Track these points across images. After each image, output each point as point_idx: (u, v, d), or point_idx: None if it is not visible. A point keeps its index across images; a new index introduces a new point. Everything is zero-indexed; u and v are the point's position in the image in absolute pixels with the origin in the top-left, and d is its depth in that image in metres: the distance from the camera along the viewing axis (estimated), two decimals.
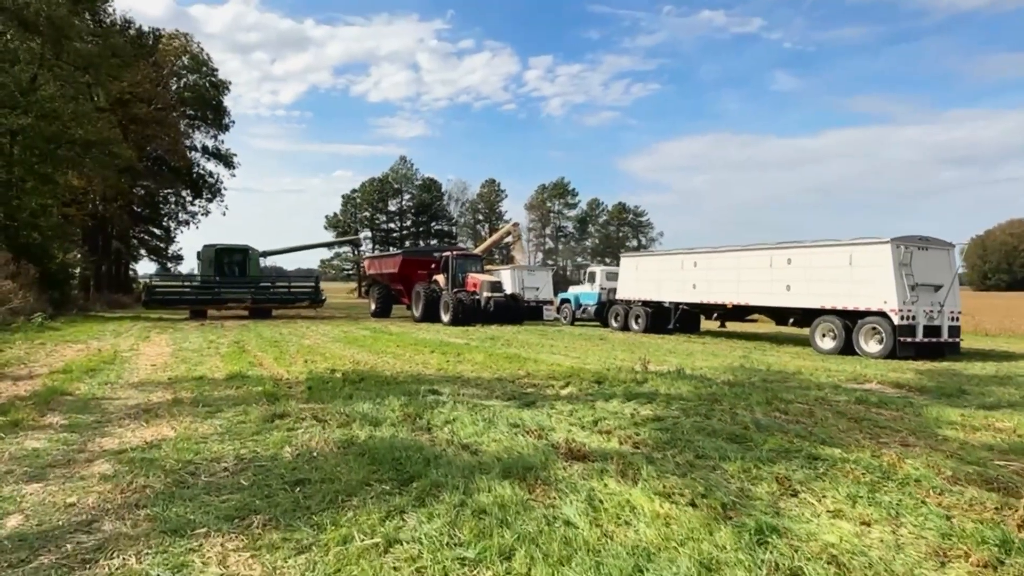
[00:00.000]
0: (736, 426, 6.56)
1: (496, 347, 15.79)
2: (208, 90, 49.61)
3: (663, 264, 21.41)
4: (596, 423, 6.58)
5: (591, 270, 26.65)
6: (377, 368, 11.17)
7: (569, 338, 19.37)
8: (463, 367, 11.48)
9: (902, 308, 14.25)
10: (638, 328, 22.17)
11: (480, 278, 26.00)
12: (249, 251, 31.16)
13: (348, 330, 21.24)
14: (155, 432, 6.26)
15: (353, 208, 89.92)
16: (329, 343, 16.56)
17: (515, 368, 11.33)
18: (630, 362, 12.92)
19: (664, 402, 7.89)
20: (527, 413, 7.01)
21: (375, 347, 15.39)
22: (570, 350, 15.50)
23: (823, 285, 15.87)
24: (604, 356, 14.19)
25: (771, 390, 9.02)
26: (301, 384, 9.25)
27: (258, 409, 7.28)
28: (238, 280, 29.80)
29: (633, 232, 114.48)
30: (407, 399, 7.66)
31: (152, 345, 15.61)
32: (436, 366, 11.62)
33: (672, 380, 9.68)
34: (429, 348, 14.96)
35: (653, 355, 14.70)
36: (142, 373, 10.61)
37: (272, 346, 15.34)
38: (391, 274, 31.05)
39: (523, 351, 14.72)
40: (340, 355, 13.42)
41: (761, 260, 17.57)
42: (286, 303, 29.82)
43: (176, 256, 55.23)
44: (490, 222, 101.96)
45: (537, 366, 11.61)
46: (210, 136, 52.35)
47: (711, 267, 19.33)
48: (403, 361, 12.43)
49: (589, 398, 8.13)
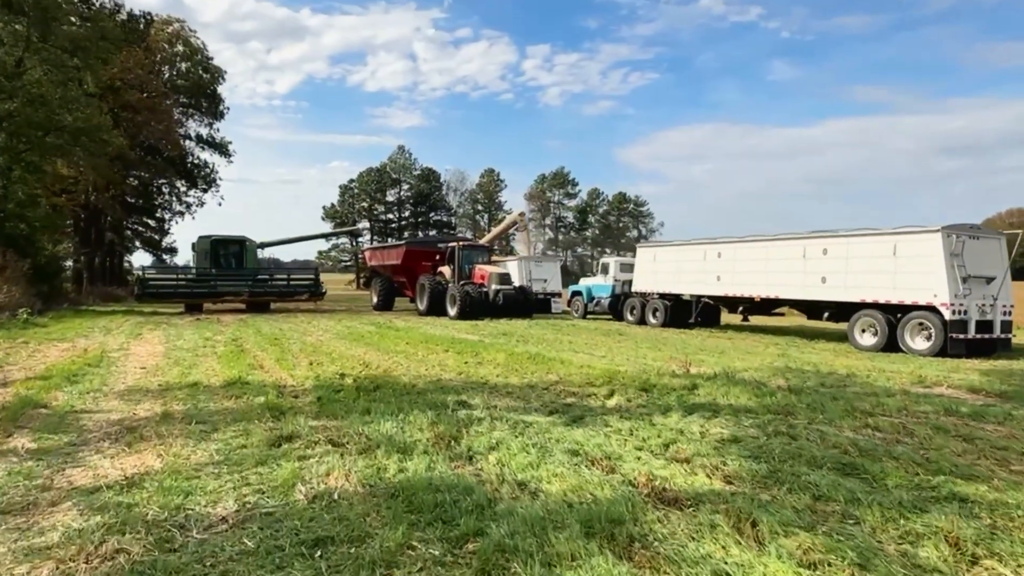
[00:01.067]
0: (833, 450, 5.50)
1: (512, 344, 14.72)
2: (202, 77, 48.18)
3: (684, 255, 20.31)
4: (667, 447, 5.51)
5: (604, 261, 25.50)
6: (391, 372, 10.09)
7: (587, 333, 18.31)
8: (485, 370, 10.41)
9: (954, 302, 13.20)
10: (656, 322, 21.11)
11: (488, 270, 24.90)
12: (246, 242, 29.97)
13: (351, 325, 20.15)
14: (138, 461, 5.18)
15: (351, 198, 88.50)
16: (333, 340, 15.47)
17: (543, 371, 10.26)
18: (664, 362, 11.87)
19: (731, 416, 6.83)
20: (579, 433, 5.93)
21: (383, 345, 14.31)
22: (593, 348, 14.43)
23: (863, 277, 14.80)
24: (632, 355, 13.13)
25: (842, 398, 7.97)
26: (308, 393, 8.16)
27: (261, 428, 6.20)
28: (235, 272, 28.64)
29: (634, 222, 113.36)
30: (435, 414, 6.58)
31: (144, 343, 14.51)
32: (455, 368, 10.54)
33: (724, 386, 8.62)
34: (442, 346, 13.89)
35: (683, 353, 13.66)
36: (130, 378, 9.52)
37: (272, 344, 14.25)
38: (394, 266, 29.92)
39: (544, 349, 13.65)
40: (347, 355, 12.34)
41: (793, 250, 16.48)
42: (285, 296, 28.67)
43: (171, 248, 54.05)
44: (489, 212, 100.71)
45: (567, 368, 10.54)
46: (204, 125, 51.03)
47: (737, 258, 18.24)
48: (417, 362, 11.35)
49: (642, 411, 7.07)
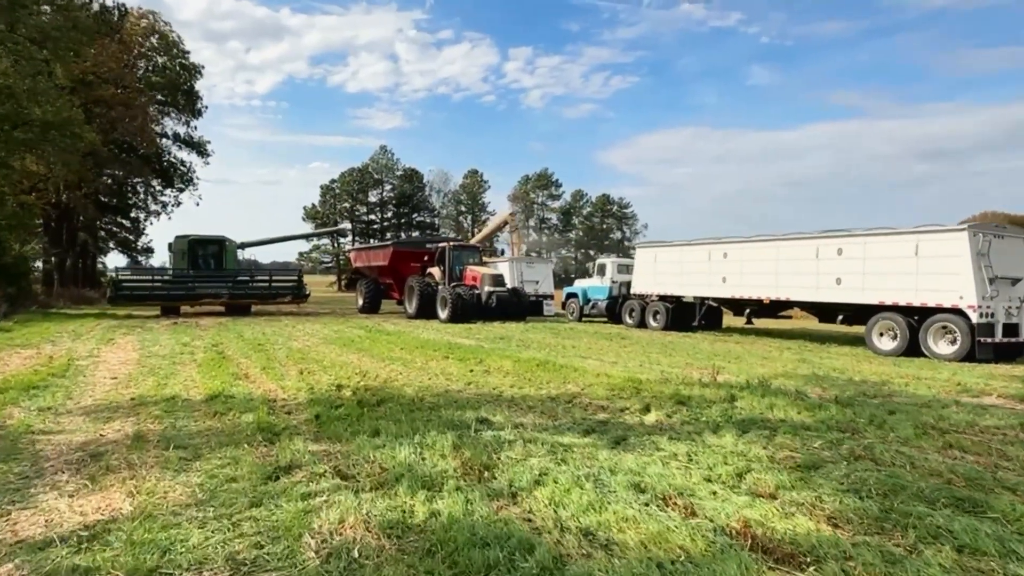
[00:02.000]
0: (934, 478, 4.69)
1: (513, 350, 13.83)
2: (179, 73, 46.65)
3: (687, 255, 19.56)
4: (741, 477, 4.65)
5: (601, 262, 24.65)
6: (391, 382, 9.14)
7: (588, 338, 17.46)
8: (494, 379, 9.50)
9: (981, 304, 12.57)
10: (657, 325, 20.33)
11: (480, 271, 23.98)
12: (226, 242, 28.71)
13: (339, 329, 19.11)
14: (103, 502, 4.21)
15: (332, 199, 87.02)
16: (321, 346, 14.45)
17: (559, 381, 9.38)
18: (682, 369, 11.07)
19: (791, 435, 6.00)
20: (631, 460, 5.06)
21: (377, 351, 13.34)
22: (600, 353, 13.59)
23: (882, 278, 14.14)
24: (645, 361, 12.30)
25: (900, 412, 7.19)
26: (303, 409, 7.20)
27: (253, 454, 5.24)
28: (214, 274, 27.38)
29: (617, 224, 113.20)
30: (456, 436, 5.66)
31: (116, 349, 13.38)
32: (461, 378, 9.62)
33: (764, 398, 7.80)
34: (440, 352, 12.95)
35: (696, 359, 12.88)
36: (99, 391, 8.47)
37: (257, 350, 13.21)
38: (380, 267, 28.87)
39: (550, 355, 12.77)
40: (340, 362, 11.36)
41: (806, 250, 15.79)
42: (267, 298, 27.44)
43: (147, 249, 52.39)
44: (473, 213, 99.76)
45: (584, 378, 9.67)
46: (182, 123, 49.43)
47: (744, 258, 17.52)
48: (418, 371, 10.41)
49: (689, 429, 6.21)
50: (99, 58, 34.78)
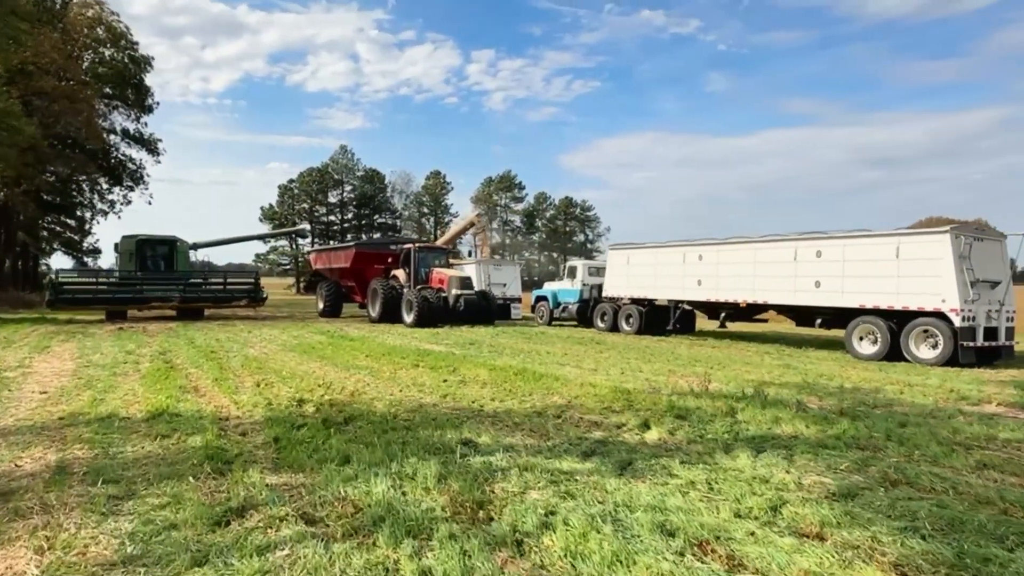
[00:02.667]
0: (988, 508, 4.16)
1: (486, 356, 13.12)
2: (127, 66, 44.54)
3: (660, 257, 19.11)
4: (775, 511, 4.03)
5: (571, 264, 24.05)
6: (359, 396, 8.33)
7: (561, 343, 16.84)
8: (472, 391, 8.76)
9: (963, 308, 12.35)
10: (630, 329, 19.84)
11: (447, 273, 23.17)
12: (177, 243, 27.26)
13: (298, 334, 18.09)
14: (3, 562, 3.35)
15: (291, 199, 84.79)
16: (280, 353, 13.49)
17: (542, 391, 8.70)
18: (666, 376, 10.52)
19: (810, 455, 5.43)
20: (644, 490, 4.39)
21: (340, 359, 12.46)
22: (578, 359, 12.97)
23: (863, 281, 13.86)
24: (625, 368, 11.72)
25: (914, 425, 6.72)
26: (260, 429, 6.35)
27: (199, 490, 4.42)
28: (164, 276, 25.92)
29: (580, 227, 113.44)
30: (439, 463, 4.92)
31: (50, 359, 12.20)
32: (435, 389, 8.86)
33: (767, 410, 7.25)
34: (409, 360, 12.15)
35: (677, 365, 12.36)
36: (23, 408, 7.46)
37: (209, 359, 12.20)
38: (342, 269, 27.80)
39: (526, 363, 12.09)
40: (300, 372, 10.46)
41: (784, 253, 15.46)
42: (221, 302, 26.10)
43: (93, 250, 49.89)
44: (436, 215, 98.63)
45: (567, 388, 9.01)
46: (131, 119, 47.21)
47: (721, 261, 17.13)
48: (387, 382, 9.60)
49: (698, 450, 5.59)
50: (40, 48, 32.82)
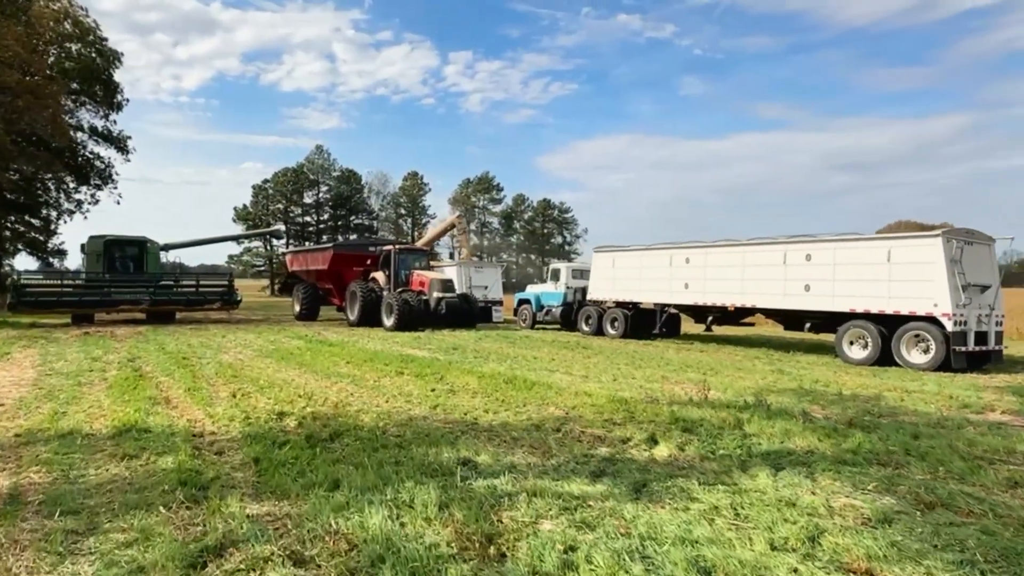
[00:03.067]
0: None
1: (472, 362, 12.70)
2: (95, 61, 43.22)
3: (646, 260, 18.85)
4: (814, 541, 3.68)
5: (555, 267, 23.71)
6: (344, 407, 7.85)
7: (547, 347, 16.47)
8: (462, 401, 8.34)
9: (955, 312, 12.24)
10: (615, 333, 19.55)
11: (428, 276, 22.69)
12: (147, 244, 26.38)
13: (275, 339, 17.48)
14: None
15: (265, 200, 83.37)
16: (256, 359, 12.92)
17: (536, 401, 8.30)
18: (661, 383, 10.20)
19: (832, 473, 5.11)
20: (666, 518, 4.01)
21: (320, 366, 11.93)
22: (566, 365, 12.61)
23: (853, 285, 13.72)
24: (618, 374, 11.38)
25: (928, 437, 6.46)
26: (238, 447, 5.86)
27: (170, 523, 3.94)
28: (133, 278, 25.05)
29: (558, 229, 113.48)
30: (438, 487, 4.49)
31: (10, 366, 11.50)
32: (424, 400, 8.41)
33: (773, 422, 6.93)
34: (393, 367, 11.68)
35: (669, 371, 12.07)
36: None
37: (180, 366, 11.59)
38: (319, 271, 27.15)
39: (514, 369, 11.70)
40: (279, 381, 9.94)
41: (773, 256, 15.28)
42: (193, 305, 25.27)
43: (59, 251, 48.30)
44: (413, 216, 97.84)
45: (561, 397, 8.63)
46: (99, 116, 45.85)
47: (708, 264, 16.91)
48: (371, 391, 9.13)
49: (713, 468, 5.24)
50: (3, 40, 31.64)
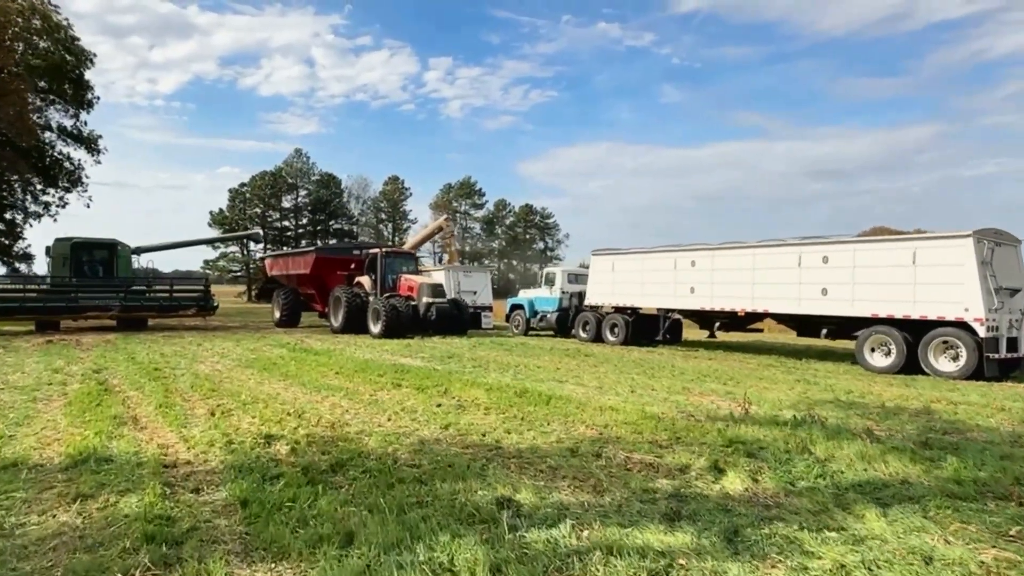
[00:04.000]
0: None
1: (471, 371, 11.72)
2: (65, 59, 41.52)
3: (649, 263, 17.99)
4: None
5: (549, 271, 22.74)
6: (341, 428, 6.81)
7: (547, 355, 15.52)
8: (475, 419, 7.35)
9: (988, 317, 11.53)
10: (615, 339, 18.66)
11: (417, 280, 21.63)
12: (118, 247, 24.98)
13: (255, 347, 16.31)
14: None
15: (242, 204, 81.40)
16: (236, 370, 11.80)
17: (559, 418, 7.33)
18: (685, 395, 9.31)
19: (950, 511, 4.22)
20: None
21: (308, 377, 10.85)
22: (575, 375, 11.66)
23: (875, 289, 12.97)
24: (634, 385, 10.46)
25: (1011, 457, 5.62)
26: (219, 481, 4.81)
27: None
28: (103, 282, 23.64)
29: (540, 234, 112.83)
30: (482, 542, 3.51)
31: None
32: (432, 418, 7.40)
33: (844, 444, 6.06)
34: (388, 378, 10.64)
35: (683, 380, 11.18)
36: None
37: (152, 378, 10.45)
38: (301, 275, 25.93)
39: (521, 380, 10.73)
40: (263, 395, 8.86)
41: (786, 259, 14.50)
42: (167, 311, 23.90)
43: (25, 255, 46.31)
44: (394, 222, 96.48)
45: (584, 412, 7.67)
46: (69, 115, 44.07)
47: (716, 267, 16.10)
48: (369, 407, 8.10)
49: (805, 507, 4.31)
50: None
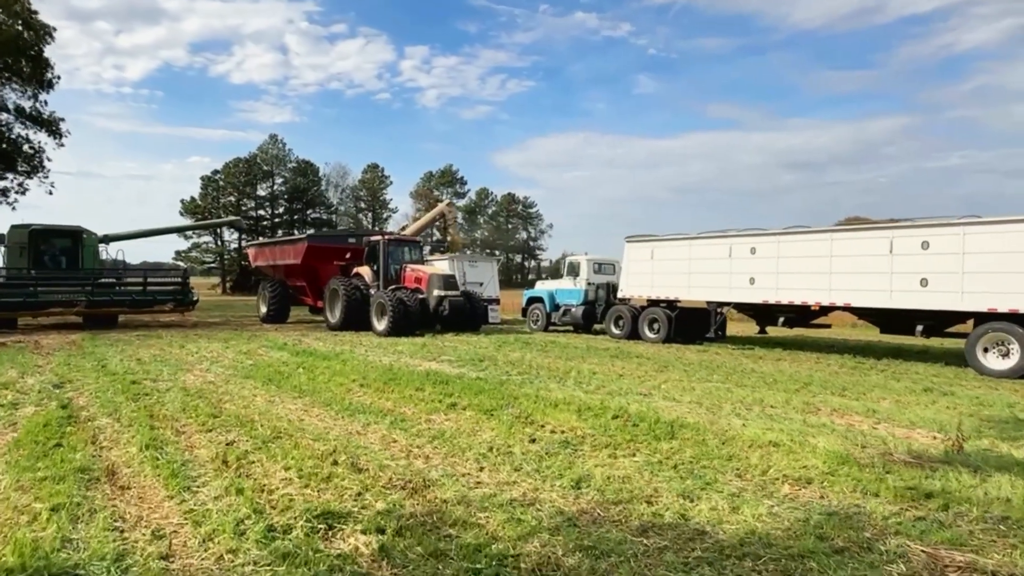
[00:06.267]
0: None
1: (525, 382, 9.59)
2: (21, 34, 38.09)
3: (698, 251, 15.93)
4: None
5: (573, 260, 20.43)
6: (425, 489, 4.61)
7: (592, 356, 13.41)
8: (601, 465, 5.17)
9: None
10: (654, 337, 16.62)
11: (426, 271, 19.36)
12: (82, 235, 22.22)
13: (248, 350, 13.93)
14: None
15: (215, 192, 77.74)
16: (234, 382, 9.48)
17: (718, 461, 5.20)
18: (814, 414, 7.27)
19: None
20: None
21: (329, 394, 8.59)
22: (650, 384, 9.57)
23: (992, 279, 11.09)
24: (746, 400, 8.41)
25: None
26: None
27: None
28: (66, 275, 20.94)
29: (523, 223, 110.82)
30: None
31: None
32: (543, 468, 5.20)
33: None
34: (433, 394, 8.44)
35: (784, 390, 9.18)
36: None
37: (130, 396, 8.11)
38: (289, 266, 23.46)
39: (600, 394, 8.61)
40: (281, 422, 6.59)
41: (875, 245, 12.55)
42: (140, 306, 21.26)
43: None
44: (374, 211, 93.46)
45: (750, 452, 5.57)
46: (27, 96, 40.65)
47: (782, 255, 14.10)
48: (439, 445, 5.88)
49: None
50: None
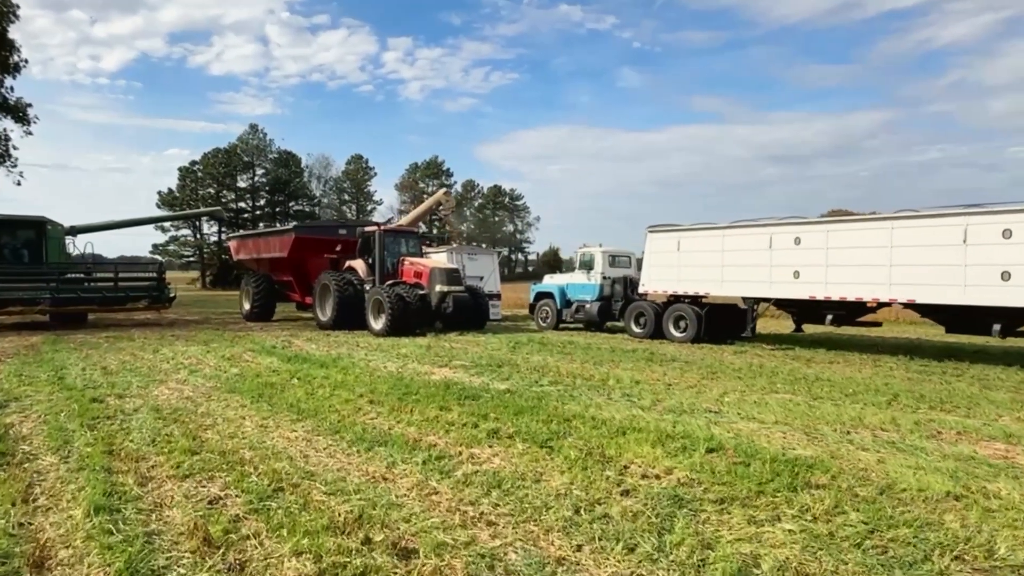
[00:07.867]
0: None
1: (571, 395, 8.08)
2: None
3: (732, 242, 14.44)
4: None
5: (587, 252, 18.78)
6: None
7: (624, 360, 11.90)
8: (737, 541, 3.69)
9: None
10: (681, 336, 15.17)
11: (425, 264, 17.77)
12: (47, 226, 20.26)
13: (232, 354, 12.26)
14: None
15: (193, 183, 75.17)
16: (218, 399, 7.85)
17: (866, 523, 3.74)
18: (939, 441, 5.84)
19: None
20: None
21: (335, 415, 7.01)
22: (712, 398, 8.11)
23: None
24: (844, 420, 6.95)
25: None
26: None
27: None
28: (28, 270, 19.07)
29: (510, 216, 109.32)
30: None
31: None
32: (664, 551, 3.72)
33: None
34: (462, 416, 6.89)
35: (871, 404, 7.76)
36: None
37: (86, 422, 6.46)
38: (275, 259, 21.74)
39: (665, 414, 7.12)
40: (279, 462, 5.00)
41: (944, 234, 11.16)
42: (111, 303, 19.41)
43: None
44: (358, 203, 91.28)
45: (900, 507, 4.10)
46: None
47: (832, 245, 12.66)
48: (495, 500, 4.35)
49: None
50: None
